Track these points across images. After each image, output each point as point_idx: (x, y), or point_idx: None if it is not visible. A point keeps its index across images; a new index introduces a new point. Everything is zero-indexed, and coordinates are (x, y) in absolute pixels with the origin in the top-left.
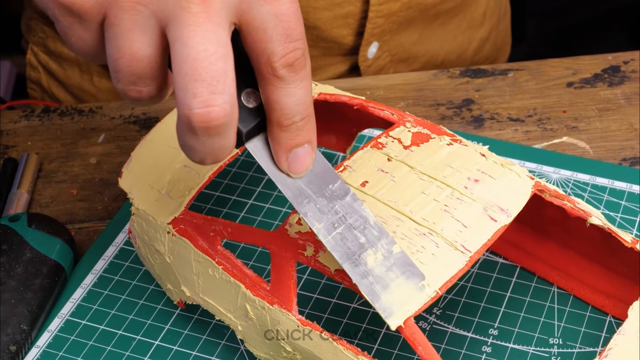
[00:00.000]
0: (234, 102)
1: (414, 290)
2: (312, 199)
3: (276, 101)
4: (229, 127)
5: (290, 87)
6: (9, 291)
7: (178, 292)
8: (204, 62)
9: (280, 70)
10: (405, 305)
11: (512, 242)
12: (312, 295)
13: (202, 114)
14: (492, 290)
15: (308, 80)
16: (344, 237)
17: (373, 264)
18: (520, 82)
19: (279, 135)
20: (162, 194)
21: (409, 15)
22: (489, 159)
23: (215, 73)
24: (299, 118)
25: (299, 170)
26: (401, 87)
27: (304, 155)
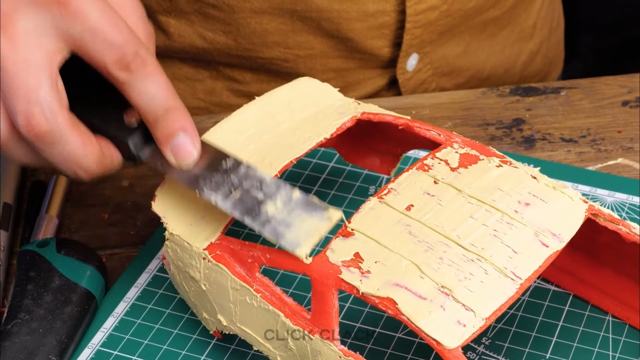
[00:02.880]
0: (54, 110)
1: (318, 220)
2: (206, 177)
3: (134, 102)
4: (61, 133)
5: (138, 86)
6: (37, 320)
7: (214, 321)
8: (14, 80)
9: (119, 75)
10: (310, 234)
11: (564, 269)
12: (355, 324)
13: (25, 125)
14: (544, 319)
15: (155, 76)
16: (241, 199)
17: (274, 211)
18: (573, 101)
19: (153, 132)
20: (197, 218)
21: (450, 23)
22: (541, 182)
23: (27, 87)
24: (161, 111)
25: (184, 158)
26: (448, 106)
27: (182, 143)
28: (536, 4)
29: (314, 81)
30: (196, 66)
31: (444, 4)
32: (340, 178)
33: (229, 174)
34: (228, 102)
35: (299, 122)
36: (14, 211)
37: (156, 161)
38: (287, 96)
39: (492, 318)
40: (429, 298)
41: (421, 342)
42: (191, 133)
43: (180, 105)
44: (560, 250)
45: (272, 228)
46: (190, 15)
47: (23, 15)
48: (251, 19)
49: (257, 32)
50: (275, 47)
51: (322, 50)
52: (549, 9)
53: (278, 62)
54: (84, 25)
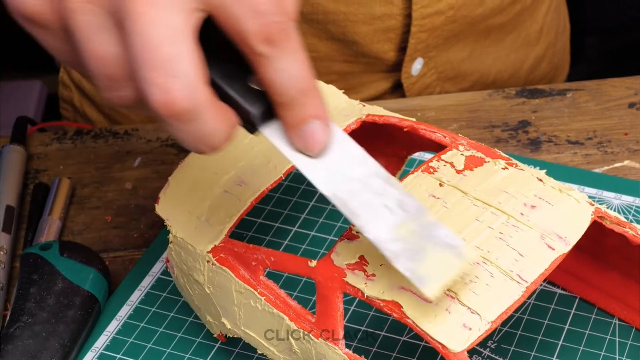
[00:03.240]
0: (195, 85)
1: (449, 257)
2: (336, 177)
3: (267, 80)
4: (200, 111)
5: (277, 62)
6: (39, 323)
7: (218, 325)
8: (153, 47)
9: (258, 47)
10: (440, 273)
11: (570, 272)
12: (360, 327)
13: (162, 101)
14: (550, 323)
15: (296, 53)
16: (371, 210)
17: (405, 234)
18: (580, 103)
19: (283, 114)
20: (201, 221)
21: (455, 29)
22: (547, 184)
23: (168, 57)
24: (297, 93)
25: (313, 147)
26: (454, 108)
27: (314, 131)
28: (542, 9)
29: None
30: None
31: (451, 9)
32: None
33: (365, 180)
34: None
35: None
36: (17, 214)
37: (276, 139)
38: None
39: (497, 321)
40: (434, 301)
41: (426, 345)
42: (325, 120)
43: (317, 89)
44: (567, 253)
45: (401, 255)
46: None
47: None
48: None
49: None
50: None
51: (327, 54)
52: (555, 13)
53: None
54: None
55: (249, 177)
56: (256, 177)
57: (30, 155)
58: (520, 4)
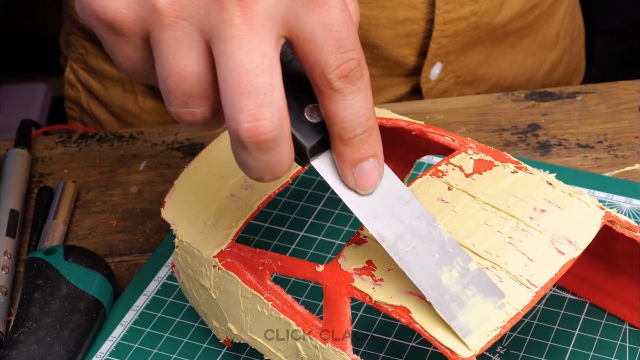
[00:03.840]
0: (283, 115)
1: (492, 308)
2: (383, 216)
3: (335, 114)
4: (281, 141)
5: (348, 99)
6: (44, 329)
7: (224, 330)
8: (249, 75)
9: (335, 82)
10: (483, 325)
11: (580, 277)
12: (368, 333)
13: (250, 128)
14: (560, 328)
15: (367, 91)
16: (416, 253)
17: (448, 281)
18: (590, 106)
19: (341, 150)
20: (207, 225)
21: (476, 35)
22: (556, 188)
23: (261, 86)
24: (361, 131)
25: (366, 186)
26: (462, 111)
27: (370, 170)
28: (559, 14)
29: None
30: None
31: (473, 15)
32: None
33: (405, 219)
34: None
35: None
36: (21, 218)
37: (326, 172)
38: None
39: (507, 326)
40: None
41: (435, 351)
42: (380, 160)
43: (377, 127)
44: (577, 258)
45: (445, 303)
46: None
47: None
48: None
49: None
50: None
51: None
52: (571, 18)
53: None
54: (323, 19)
55: None
56: None
57: (34, 158)
58: (538, 9)
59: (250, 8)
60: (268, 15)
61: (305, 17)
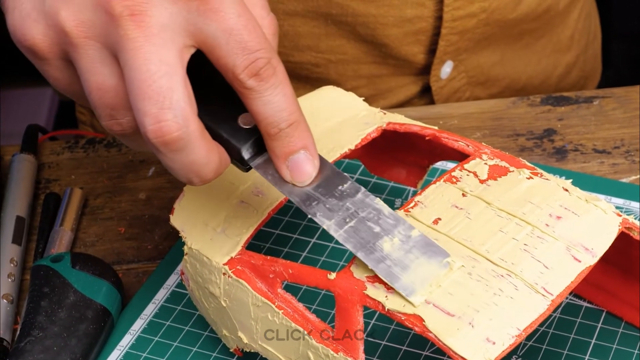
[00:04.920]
0: (187, 116)
1: (437, 267)
2: (321, 200)
3: (257, 112)
4: (189, 141)
5: (265, 95)
6: (51, 338)
7: (235, 339)
8: (147, 80)
9: (247, 81)
10: (428, 282)
11: (597, 284)
12: (381, 342)
13: (155, 130)
14: (576, 337)
15: (283, 86)
16: (356, 229)
17: (390, 249)
18: (607, 111)
19: (272, 145)
20: (217, 232)
21: (487, 32)
22: (573, 194)
23: (160, 90)
24: (285, 124)
25: (301, 178)
26: (477, 115)
27: (302, 162)
28: (574, 16)
29: (338, 90)
30: None
31: (483, 12)
32: None
33: (344, 199)
34: None
35: (323, 133)
36: (27, 225)
37: (267, 172)
38: (310, 105)
39: (522, 335)
40: (457, 315)
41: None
42: (312, 151)
43: (304, 120)
44: (593, 265)
45: (387, 268)
46: None
47: (158, 8)
48: (284, 21)
49: (289, 34)
50: (307, 50)
51: (355, 56)
52: (586, 21)
53: (308, 66)
54: (222, 25)
55: (266, 187)
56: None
57: (41, 164)
58: (553, 10)
59: (144, 22)
60: (164, 27)
61: (204, 26)
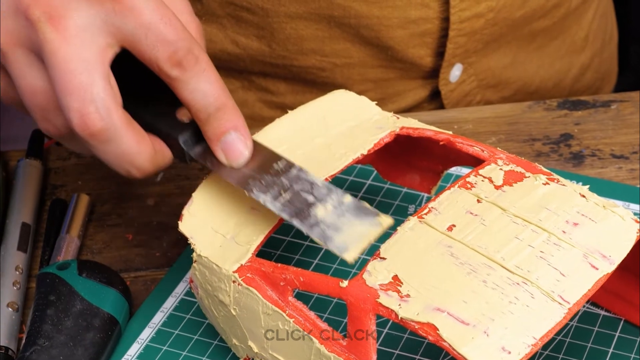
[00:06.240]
0: (109, 107)
1: (368, 226)
2: (257, 178)
3: (185, 100)
4: (115, 131)
5: (190, 83)
6: (57, 347)
7: (245, 348)
8: (68, 78)
9: (171, 71)
10: (360, 240)
11: (615, 292)
12: (394, 351)
13: (80, 124)
14: (593, 346)
15: (207, 72)
16: (291, 200)
17: (323, 214)
18: (625, 115)
19: (204, 130)
20: (227, 239)
21: (496, 33)
22: (590, 200)
23: (81, 85)
24: (213, 109)
25: (234, 157)
26: (492, 120)
27: (232, 142)
28: (588, 16)
29: (350, 94)
30: (227, 75)
31: (490, 12)
32: (378, 196)
33: (279, 176)
34: (261, 114)
35: (335, 137)
36: (33, 231)
37: (206, 159)
38: (322, 109)
39: (538, 345)
40: (471, 323)
41: None
42: (243, 132)
43: (231, 104)
44: (611, 273)
45: (321, 231)
46: (222, 19)
47: (75, 11)
48: (286, 24)
49: (292, 38)
50: (311, 54)
51: (361, 59)
52: (602, 21)
53: (314, 70)
54: (138, 21)
55: None
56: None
57: (47, 170)
58: (564, 7)
59: (61, 24)
60: (82, 28)
61: (122, 25)
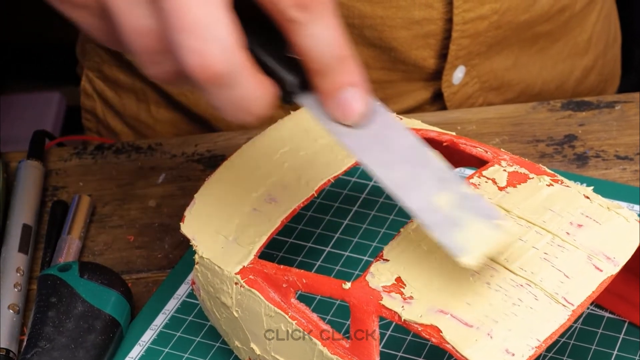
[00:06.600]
0: (232, 48)
1: (489, 228)
2: (375, 147)
3: (301, 47)
4: (237, 75)
5: (309, 28)
6: (58, 349)
7: (247, 350)
8: (185, 12)
9: (290, 12)
10: (479, 243)
11: (619, 294)
12: (397, 353)
13: (199, 66)
14: (597, 348)
15: (329, 18)
16: (411, 181)
17: (443, 205)
18: (629, 116)
19: (318, 82)
20: (229, 241)
21: (499, 35)
22: (594, 202)
23: (203, 21)
24: (334, 60)
25: (349, 115)
26: (496, 121)
27: (350, 98)
28: (591, 18)
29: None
30: None
31: (495, 14)
32: (381, 198)
33: (400, 152)
34: None
35: None
36: (34, 233)
37: (313, 109)
38: None
39: (542, 347)
40: (475, 325)
41: None
42: (361, 88)
43: (352, 56)
44: (615, 275)
45: (439, 223)
46: None
47: None
48: None
49: None
50: None
51: (364, 60)
52: (605, 23)
53: None
54: None
55: (280, 194)
56: (287, 194)
57: (48, 171)
58: (568, 11)
59: None
60: None
61: None
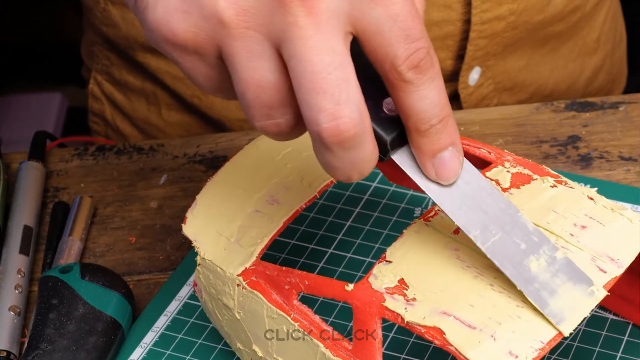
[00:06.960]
0: (362, 110)
1: (583, 295)
2: (467, 207)
3: (409, 107)
4: (363, 138)
5: (421, 89)
6: (59, 351)
7: (249, 352)
8: (321, 73)
9: (407, 73)
10: (575, 310)
11: (623, 296)
12: (400, 355)
13: (331, 128)
14: (601, 350)
15: (439, 79)
16: (503, 243)
17: (537, 270)
18: (633, 117)
19: (419, 141)
20: (231, 242)
21: (516, 36)
22: (598, 203)
23: (336, 83)
24: (437, 120)
25: (448, 176)
26: (499, 122)
27: (450, 159)
28: (599, 18)
29: None
30: None
31: (512, 14)
32: (384, 199)
33: (489, 210)
34: None
35: None
36: (35, 234)
37: (407, 165)
38: None
39: (546, 349)
40: (478, 327)
41: None
42: (459, 148)
43: (451, 115)
44: (619, 277)
45: (535, 291)
46: None
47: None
48: None
49: None
50: None
51: None
52: (612, 23)
53: None
54: (387, 11)
55: (282, 195)
56: (289, 195)
57: (49, 172)
58: (580, 11)
59: (314, 7)
60: (332, 13)
61: (369, 11)
